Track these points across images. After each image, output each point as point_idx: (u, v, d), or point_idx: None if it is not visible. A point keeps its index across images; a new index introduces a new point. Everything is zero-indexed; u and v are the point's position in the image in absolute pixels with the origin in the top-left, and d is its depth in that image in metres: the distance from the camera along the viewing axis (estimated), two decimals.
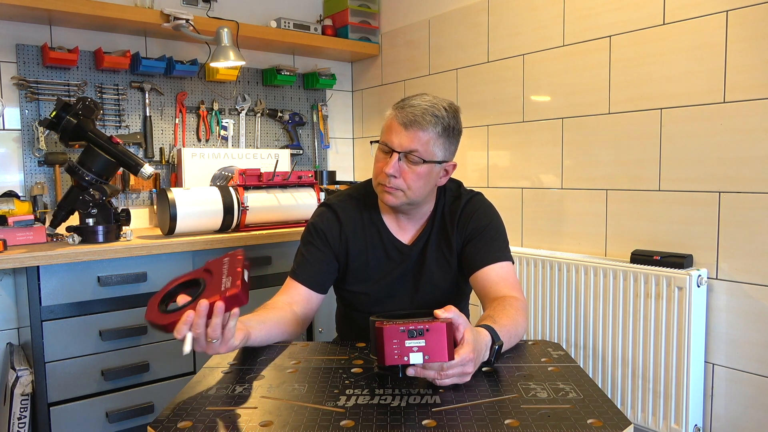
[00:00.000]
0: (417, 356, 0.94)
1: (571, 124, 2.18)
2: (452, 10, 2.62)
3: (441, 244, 1.40)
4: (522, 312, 1.24)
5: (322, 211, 1.45)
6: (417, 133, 1.26)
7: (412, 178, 1.29)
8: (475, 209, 1.40)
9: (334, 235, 1.40)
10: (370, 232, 1.41)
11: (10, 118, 2.24)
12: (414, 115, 1.26)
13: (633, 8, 1.97)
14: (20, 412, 1.83)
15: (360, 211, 1.43)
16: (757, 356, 1.75)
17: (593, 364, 2.01)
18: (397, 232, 1.42)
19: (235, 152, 2.63)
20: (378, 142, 1.33)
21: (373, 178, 1.35)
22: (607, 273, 1.95)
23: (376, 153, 1.34)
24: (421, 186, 1.31)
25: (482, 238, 1.36)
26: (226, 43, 2.42)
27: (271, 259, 2.25)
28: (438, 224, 1.41)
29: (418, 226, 1.42)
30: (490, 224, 1.38)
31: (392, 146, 1.27)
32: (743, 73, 1.72)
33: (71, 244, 1.90)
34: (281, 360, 1.15)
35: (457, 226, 1.39)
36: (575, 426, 0.85)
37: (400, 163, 1.28)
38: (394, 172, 1.27)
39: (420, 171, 1.29)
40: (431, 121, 1.26)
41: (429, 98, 1.30)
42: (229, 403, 0.96)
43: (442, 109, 1.28)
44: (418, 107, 1.26)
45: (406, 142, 1.26)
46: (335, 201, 1.45)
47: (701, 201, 1.84)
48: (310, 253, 1.40)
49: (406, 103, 1.29)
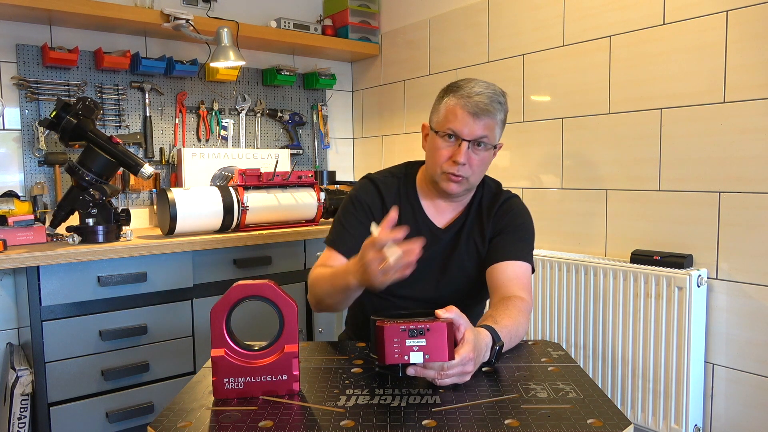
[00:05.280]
0: (417, 355, 0.94)
1: (571, 124, 2.18)
2: (452, 10, 2.62)
3: (474, 232, 1.41)
4: (524, 313, 1.24)
5: (365, 183, 1.45)
6: (486, 121, 1.28)
7: (478, 163, 1.31)
8: (513, 207, 1.42)
9: (377, 208, 1.40)
10: (406, 211, 1.41)
11: (10, 118, 2.24)
12: (484, 104, 1.27)
13: (633, 8, 1.97)
14: (20, 412, 1.83)
15: (399, 189, 1.43)
16: (757, 356, 1.75)
17: (593, 364, 2.01)
18: (433, 216, 1.42)
19: (235, 152, 2.63)
20: (438, 131, 1.32)
21: (435, 166, 1.33)
22: (607, 273, 1.95)
23: (434, 141, 1.33)
24: (482, 171, 1.35)
25: (511, 235, 1.37)
26: (226, 43, 2.42)
27: (271, 259, 2.25)
28: (474, 212, 1.42)
29: (456, 213, 1.43)
30: (522, 224, 1.40)
31: (462, 135, 1.28)
32: (743, 73, 1.72)
33: (71, 244, 1.90)
34: None
35: (494, 218, 1.40)
36: (575, 426, 0.85)
37: (468, 151, 1.29)
38: (466, 160, 1.29)
39: (484, 156, 1.32)
40: (498, 109, 1.29)
41: (484, 84, 1.31)
42: (229, 403, 0.96)
43: (501, 95, 1.32)
44: (485, 95, 1.28)
45: (477, 130, 1.28)
46: (377, 176, 1.46)
47: (701, 201, 1.84)
48: (351, 224, 1.39)
49: (468, 91, 1.29)
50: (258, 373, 0.97)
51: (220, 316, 0.97)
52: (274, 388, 0.98)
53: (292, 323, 0.98)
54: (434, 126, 1.34)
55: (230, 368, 0.97)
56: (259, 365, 0.97)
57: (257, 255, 2.23)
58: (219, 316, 0.97)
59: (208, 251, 2.11)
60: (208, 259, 2.12)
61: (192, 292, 2.09)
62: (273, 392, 0.98)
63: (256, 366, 0.97)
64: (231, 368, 0.97)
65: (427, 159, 1.39)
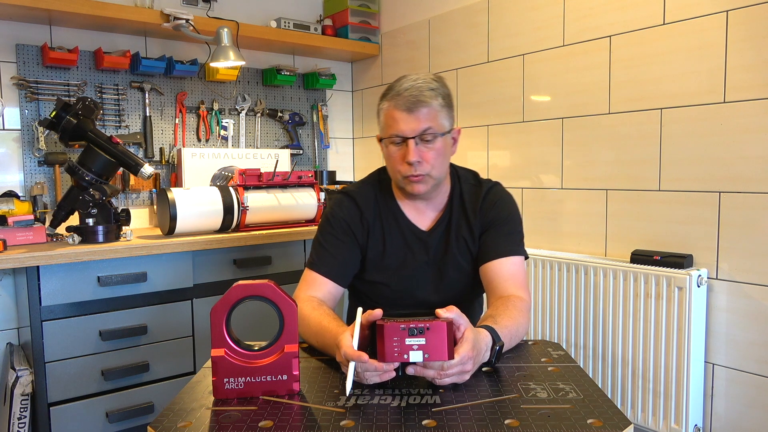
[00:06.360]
0: (417, 354, 0.94)
1: (571, 124, 2.18)
2: (452, 10, 2.62)
3: (462, 230, 1.38)
4: (524, 313, 1.23)
5: (340, 199, 1.41)
6: (423, 111, 1.25)
7: (433, 156, 1.28)
8: (497, 198, 1.39)
9: (356, 223, 1.38)
10: (388, 219, 1.39)
11: (10, 118, 2.24)
12: (414, 96, 1.25)
13: (633, 8, 1.96)
14: (20, 412, 1.83)
15: (376, 198, 1.41)
16: (757, 356, 1.75)
17: (593, 364, 2.01)
18: (415, 219, 1.39)
19: (235, 152, 2.63)
20: (384, 139, 1.31)
21: (394, 173, 1.32)
22: (607, 273, 1.95)
23: (387, 150, 1.32)
24: (441, 162, 1.31)
25: (500, 230, 1.35)
26: (226, 43, 2.42)
27: (271, 259, 2.25)
28: (458, 209, 1.39)
29: (437, 212, 1.40)
30: (509, 216, 1.37)
31: (405, 134, 1.26)
32: (743, 73, 1.72)
33: (71, 244, 1.90)
34: None
35: (480, 212, 1.38)
36: (575, 426, 0.85)
37: (418, 147, 1.27)
38: (418, 158, 1.26)
39: (438, 147, 1.28)
40: (432, 95, 1.26)
41: (415, 76, 1.29)
42: (229, 403, 0.96)
43: (433, 82, 1.28)
44: (413, 88, 1.25)
45: (416, 124, 1.25)
46: (352, 189, 1.43)
47: (701, 201, 1.84)
48: (330, 244, 1.36)
49: (397, 90, 1.27)
50: (258, 373, 0.97)
51: (220, 316, 0.97)
52: (274, 388, 0.98)
53: (292, 323, 0.98)
54: (381, 135, 1.33)
55: (230, 368, 0.97)
56: (259, 365, 0.97)
57: (257, 255, 2.23)
58: (219, 316, 0.97)
59: (208, 251, 2.11)
60: (208, 259, 2.12)
61: (192, 292, 2.09)
62: (273, 392, 0.98)
63: (256, 366, 0.97)
64: (231, 368, 0.97)
65: (387, 169, 1.37)
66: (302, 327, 1.23)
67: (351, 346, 0.97)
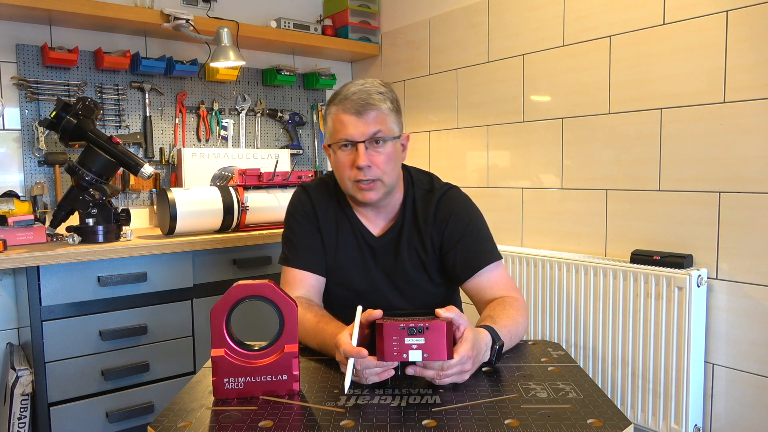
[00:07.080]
0: (416, 354, 0.94)
1: (571, 124, 2.18)
2: (452, 10, 2.62)
3: (413, 241, 1.34)
4: (522, 312, 1.23)
5: (299, 192, 1.41)
6: (373, 114, 1.24)
7: (384, 160, 1.25)
8: (451, 208, 1.34)
9: (314, 214, 1.37)
10: (342, 219, 1.37)
11: (10, 118, 2.24)
12: (362, 100, 1.23)
13: (633, 8, 1.96)
14: (20, 412, 1.83)
15: (331, 197, 1.39)
16: (757, 356, 1.75)
17: (593, 364, 2.01)
18: (367, 223, 1.37)
19: (235, 152, 2.63)
20: (332, 145, 1.28)
21: (344, 179, 1.28)
22: (607, 273, 1.95)
23: (335, 156, 1.28)
24: (392, 167, 1.27)
25: (466, 242, 1.31)
26: (226, 43, 2.42)
27: (270, 259, 2.25)
28: (410, 217, 1.35)
29: (389, 220, 1.37)
30: (470, 223, 1.33)
31: (354, 138, 1.23)
32: (743, 73, 1.72)
33: (71, 244, 1.90)
34: None
35: (433, 223, 1.33)
36: (575, 426, 0.85)
37: (368, 152, 1.24)
38: (368, 162, 1.23)
39: (388, 151, 1.26)
40: (380, 99, 1.25)
41: (360, 82, 1.28)
42: (229, 403, 0.96)
43: (381, 86, 1.28)
44: (361, 92, 1.24)
45: (365, 128, 1.23)
46: (310, 184, 1.42)
47: (701, 201, 1.84)
48: (300, 237, 1.35)
49: (344, 94, 1.25)
50: (258, 373, 0.97)
51: (220, 316, 0.97)
52: (274, 388, 0.98)
53: (292, 323, 0.98)
54: (329, 141, 1.30)
55: (230, 368, 0.97)
56: (259, 365, 0.97)
57: (257, 255, 2.23)
58: (219, 316, 0.97)
59: (208, 251, 2.11)
60: (208, 259, 2.12)
61: (192, 292, 2.09)
62: (273, 392, 0.98)
63: (256, 366, 0.97)
64: (231, 368, 0.97)
65: (336, 177, 1.33)
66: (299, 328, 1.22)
67: (350, 344, 0.97)
